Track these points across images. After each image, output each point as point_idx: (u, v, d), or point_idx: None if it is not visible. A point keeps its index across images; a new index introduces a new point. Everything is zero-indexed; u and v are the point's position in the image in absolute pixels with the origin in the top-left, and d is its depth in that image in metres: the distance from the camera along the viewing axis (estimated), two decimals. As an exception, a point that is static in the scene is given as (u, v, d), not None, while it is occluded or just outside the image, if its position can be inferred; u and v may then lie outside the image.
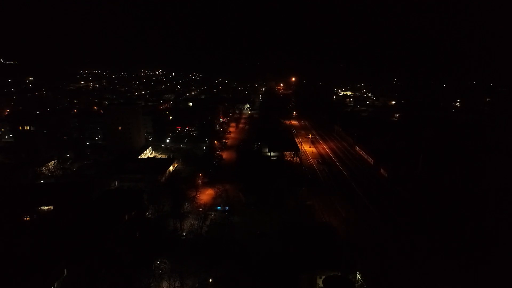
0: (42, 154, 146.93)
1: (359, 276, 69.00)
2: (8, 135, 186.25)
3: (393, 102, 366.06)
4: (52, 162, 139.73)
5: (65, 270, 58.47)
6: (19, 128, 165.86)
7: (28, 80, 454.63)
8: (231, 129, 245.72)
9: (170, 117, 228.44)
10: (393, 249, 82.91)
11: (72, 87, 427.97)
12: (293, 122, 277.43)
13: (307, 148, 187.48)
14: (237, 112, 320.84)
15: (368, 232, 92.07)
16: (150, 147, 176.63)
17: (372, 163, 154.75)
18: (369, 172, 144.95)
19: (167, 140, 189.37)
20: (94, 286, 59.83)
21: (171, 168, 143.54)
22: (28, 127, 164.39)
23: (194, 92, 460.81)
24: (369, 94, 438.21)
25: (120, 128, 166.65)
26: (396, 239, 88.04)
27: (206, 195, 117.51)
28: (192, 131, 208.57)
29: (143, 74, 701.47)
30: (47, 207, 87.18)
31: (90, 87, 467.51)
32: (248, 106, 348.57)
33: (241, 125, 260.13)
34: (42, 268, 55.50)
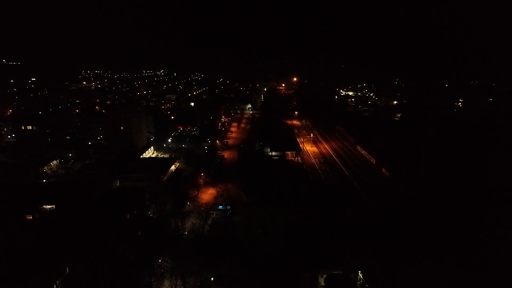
0: (44, 154, 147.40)
1: (360, 275, 68.98)
2: (11, 135, 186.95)
3: (395, 102, 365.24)
4: (54, 162, 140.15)
5: (67, 268, 58.59)
6: (21, 128, 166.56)
7: (31, 80, 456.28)
8: (233, 129, 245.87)
9: (172, 117, 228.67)
10: (395, 248, 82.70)
11: (74, 87, 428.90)
12: (294, 122, 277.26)
13: (309, 148, 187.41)
14: (238, 112, 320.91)
15: (370, 231, 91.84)
16: (152, 147, 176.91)
17: (373, 162, 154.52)
18: (371, 172, 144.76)
19: (169, 140, 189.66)
20: (96, 284, 59.95)
21: (172, 167, 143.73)
22: (30, 127, 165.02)
23: (196, 92, 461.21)
24: (371, 94, 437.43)
25: (122, 128, 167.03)
26: (398, 238, 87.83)
27: (207, 195, 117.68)
28: (193, 131, 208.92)
29: (145, 74, 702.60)
30: (49, 206, 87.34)
31: (92, 87, 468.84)
32: (249, 106, 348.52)
33: (242, 125, 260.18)
34: (44, 266, 55.63)
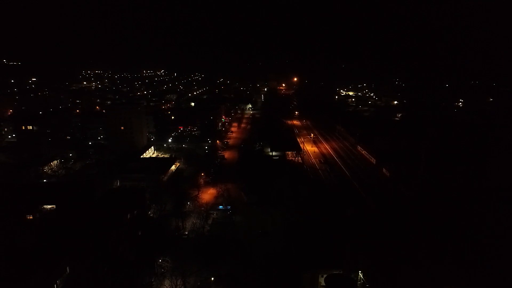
0: (44, 154, 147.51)
1: (361, 275, 68.98)
2: (11, 135, 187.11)
3: (395, 102, 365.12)
4: (55, 162, 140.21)
5: (67, 268, 58.71)
6: (22, 128, 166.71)
7: (31, 80, 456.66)
8: (233, 129, 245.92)
9: (172, 117, 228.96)
10: (395, 248, 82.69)
11: (74, 87, 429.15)
12: (295, 122, 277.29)
13: (309, 148, 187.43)
14: (239, 112, 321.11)
15: (370, 231, 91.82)
16: (152, 147, 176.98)
17: (374, 162, 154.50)
18: (371, 172, 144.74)
19: (169, 140, 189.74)
20: (96, 284, 60.02)
21: (173, 167, 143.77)
22: (30, 127, 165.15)
23: (196, 92, 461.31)
24: (371, 94, 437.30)
25: (122, 128, 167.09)
26: (398, 238, 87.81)
27: (208, 195, 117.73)
28: (194, 131, 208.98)
29: (145, 74, 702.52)
30: (49, 206, 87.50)
31: (93, 87, 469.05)
32: (250, 106, 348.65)
33: (243, 125, 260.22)
34: (45, 266, 55.74)
